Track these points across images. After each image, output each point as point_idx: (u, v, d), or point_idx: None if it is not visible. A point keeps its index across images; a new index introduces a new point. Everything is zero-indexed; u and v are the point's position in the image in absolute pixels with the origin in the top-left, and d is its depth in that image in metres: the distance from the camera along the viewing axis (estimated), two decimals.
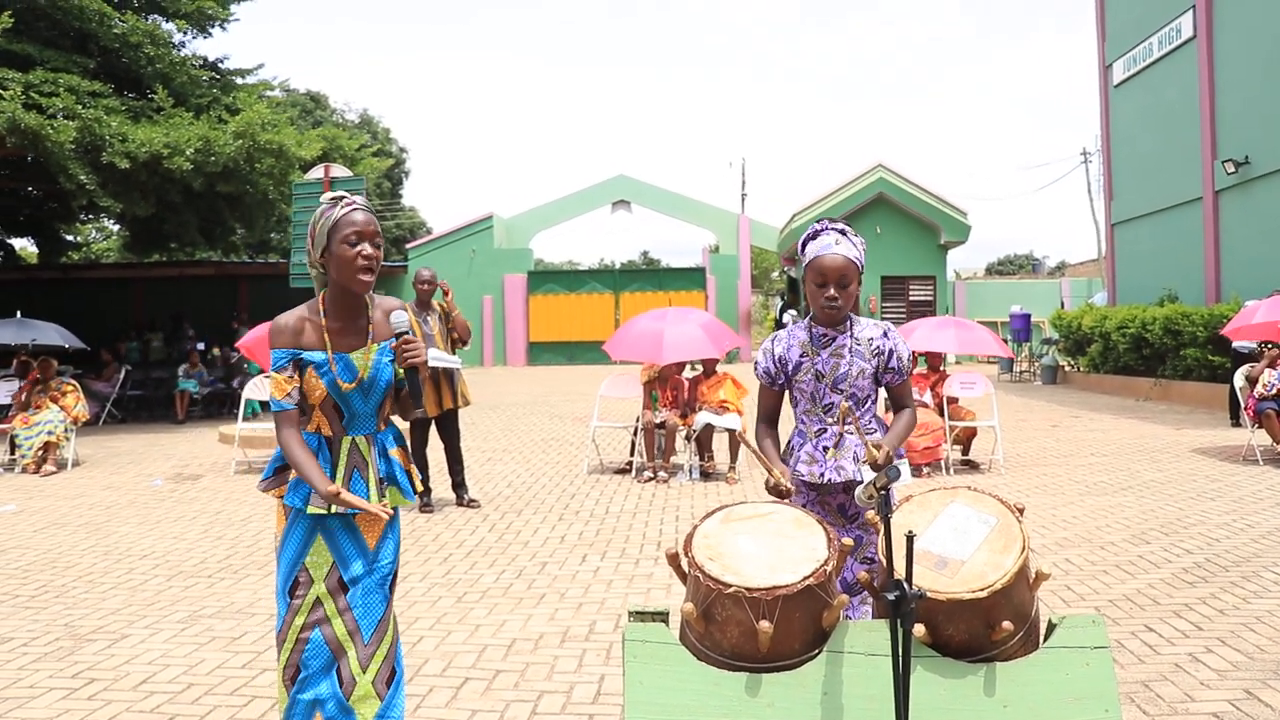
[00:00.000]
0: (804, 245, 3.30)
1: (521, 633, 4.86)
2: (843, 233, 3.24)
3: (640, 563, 6.24)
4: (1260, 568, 5.72)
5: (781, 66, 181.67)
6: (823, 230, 3.25)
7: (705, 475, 9.46)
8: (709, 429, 9.45)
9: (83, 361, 16.86)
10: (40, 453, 10.70)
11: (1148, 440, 11.35)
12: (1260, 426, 9.68)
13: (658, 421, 9.44)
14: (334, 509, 2.88)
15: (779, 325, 29.04)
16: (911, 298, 28.92)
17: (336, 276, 2.92)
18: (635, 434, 9.88)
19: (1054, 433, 12.37)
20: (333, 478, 2.92)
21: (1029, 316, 24.70)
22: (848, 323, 3.30)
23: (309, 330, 2.95)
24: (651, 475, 9.09)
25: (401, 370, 3.05)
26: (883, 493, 2.42)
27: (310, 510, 2.90)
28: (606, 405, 11.19)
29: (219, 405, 17.49)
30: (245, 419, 11.02)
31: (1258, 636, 4.53)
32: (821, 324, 3.30)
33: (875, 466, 2.92)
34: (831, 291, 3.18)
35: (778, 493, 3.07)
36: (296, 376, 2.93)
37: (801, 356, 3.31)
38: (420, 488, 3.13)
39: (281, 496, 2.96)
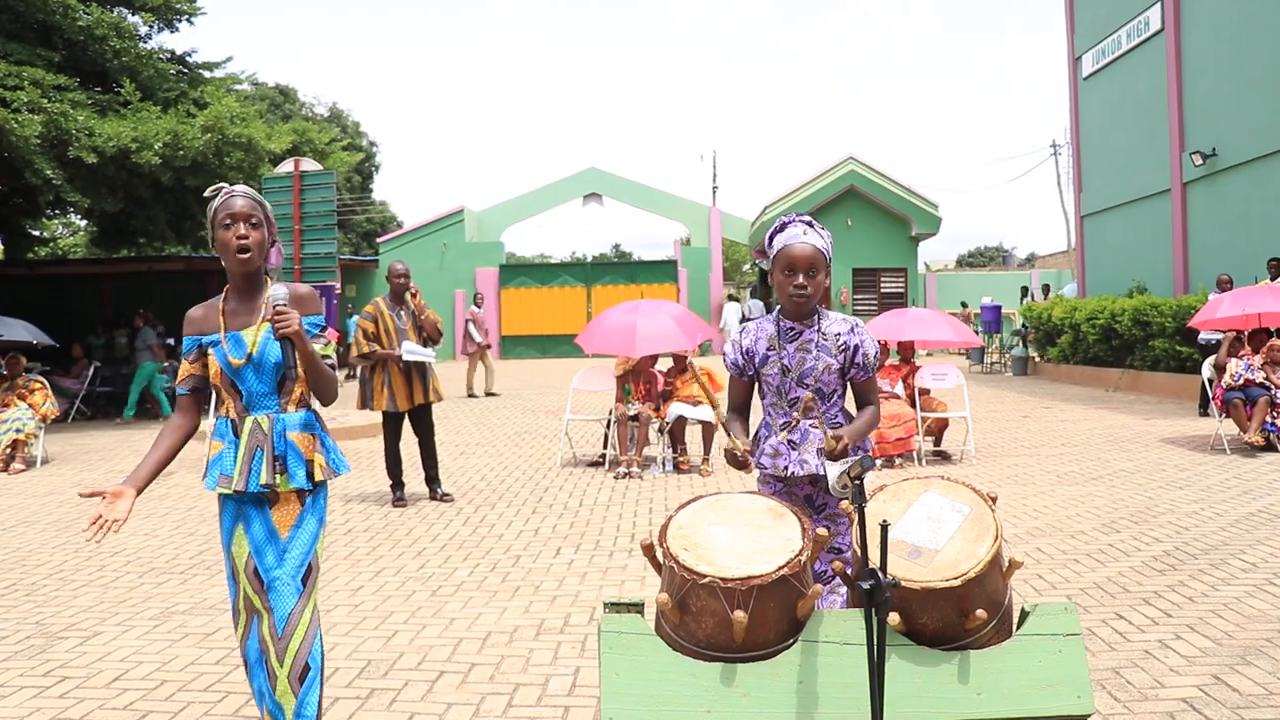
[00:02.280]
0: (771, 239, 3.30)
1: (496, 626, 4.86)
2: (810, 224, 3.26)
3: (614, 555, 6.25)
4: (1228, 555, 5.80)
5: (753, 60, 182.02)
6: (790, 223, 3.27)
7: (678, 468, 9.47)
8: (681, 421, 9.47)
9: (51, 358, 16.65)
10: (9, 450, 10.57)
11: (1117, 430, 11.47)
12: (1228, 416, 9.79)
13: (631, 414, 9.44)
14: (235, 489, 3.01)
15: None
16: (883, 290, 29.03)
17: (222, 259, 3.08)
18: (608, 427, 9.88)
19: (1025, 423, 12.48)
20: (236, 458, 3.03)
21: (1000, 308, 24.86)
22: (815, 316, 3.30)
23: (209, 316, 3.13)
24: (625, 472, 9.09)
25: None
26: (856, 482, 2.43)
27: (219, 491, 3.04)
28: (579, 398, 11.21)
29: None
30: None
31: (1225, 623, 4.60)
32: (790, 317, 3.30)
33: (832, 456, 2.94)
34: (800, 280, 3.18)
35: (735, 461, 3.11)
36: (200, 364, 3.12)
37: (768, 350, 3.32)
38: (322, 476, 3.11)
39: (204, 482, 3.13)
